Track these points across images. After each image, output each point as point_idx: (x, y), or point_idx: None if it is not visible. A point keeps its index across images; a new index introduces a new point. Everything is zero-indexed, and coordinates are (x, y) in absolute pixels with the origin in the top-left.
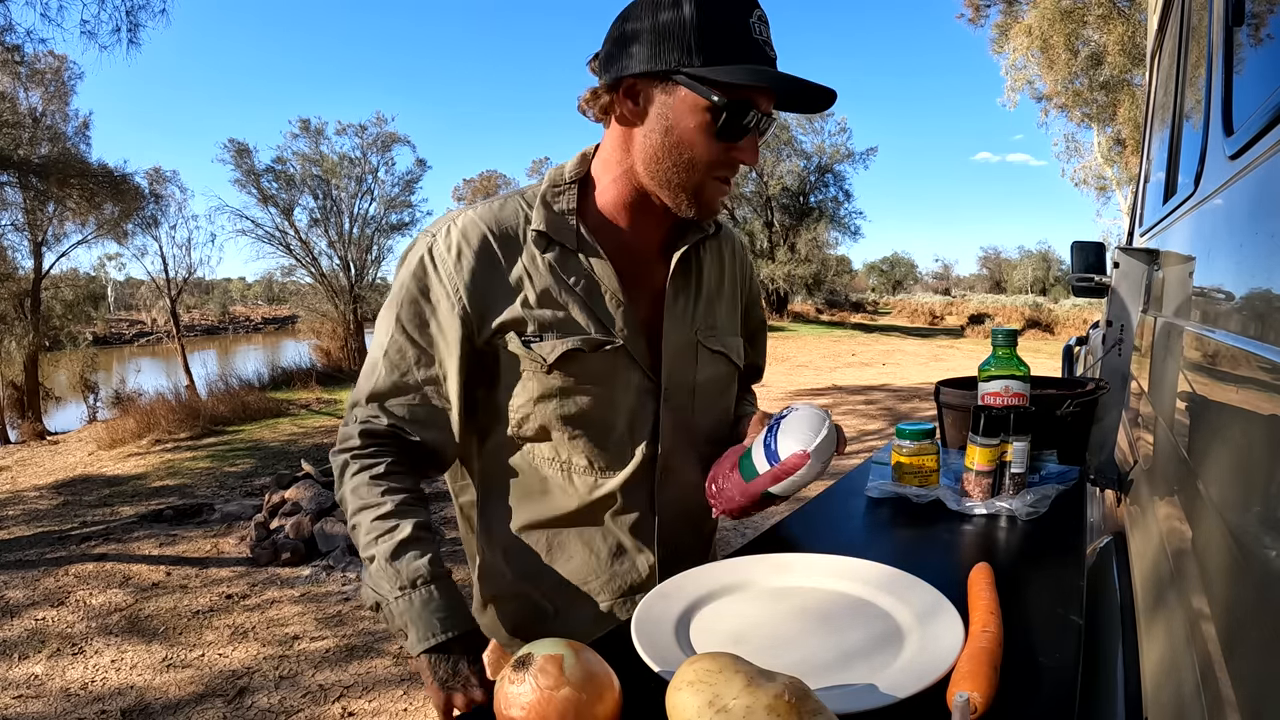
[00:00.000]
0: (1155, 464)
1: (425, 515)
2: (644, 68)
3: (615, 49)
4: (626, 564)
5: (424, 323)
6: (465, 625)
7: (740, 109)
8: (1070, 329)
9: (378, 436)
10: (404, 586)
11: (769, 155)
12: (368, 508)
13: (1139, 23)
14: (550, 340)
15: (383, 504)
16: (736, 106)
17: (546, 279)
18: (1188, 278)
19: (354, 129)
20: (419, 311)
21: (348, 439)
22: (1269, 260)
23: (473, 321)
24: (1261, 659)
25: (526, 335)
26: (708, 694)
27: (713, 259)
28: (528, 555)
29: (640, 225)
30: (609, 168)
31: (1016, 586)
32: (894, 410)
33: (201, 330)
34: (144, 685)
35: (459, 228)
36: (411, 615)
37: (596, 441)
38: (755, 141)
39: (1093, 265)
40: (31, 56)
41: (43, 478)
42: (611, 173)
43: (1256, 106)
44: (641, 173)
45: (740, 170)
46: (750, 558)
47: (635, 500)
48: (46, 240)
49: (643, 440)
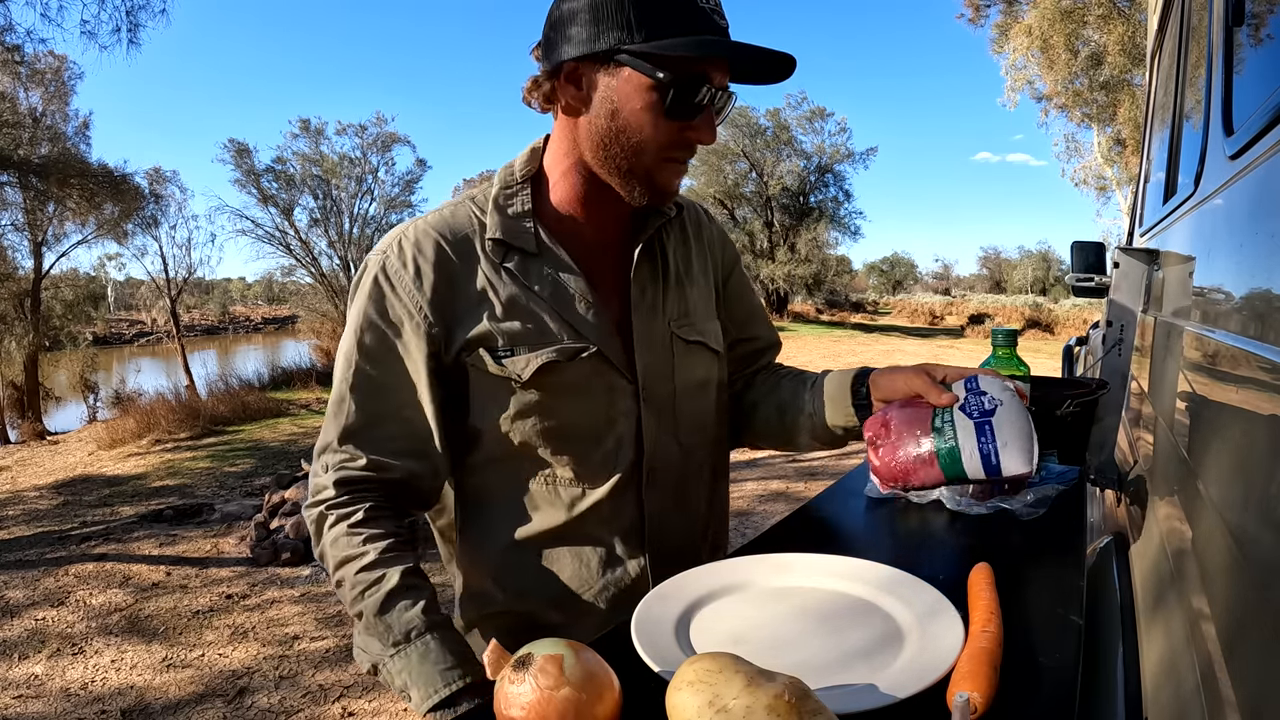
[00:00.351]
0: (1155, 464)
1: (414, 559)
2: (583, 50)
3: (554, 33)
4: (619, 570)
5: (389, 347)
6: (472, 673)
7: (690, 85)
8: (1070, 329)
9: (354, 483)
10: (397, 642)
11: (769, 155)
12: (349, 560)
13: (1139, 23)
14: (523, 354)
15: (365, 554)
16: (686, 82)
17: (510, 288)
18: (1188, 278)
19: (354, 129)
20: (382, 336)
21: (320, 490)
22: (1269, 260)
23: (439, 339)
24: (1262, 659)
25: (497, 351)
26: (708, 694)
27: (678, 240)
28: (517, 573)
29: (600, 218)
30: (559, 160)
31: (1016, 586)
32: None
33: (201, 330)
34: (144, 685)
35: (411, 241)
36: (411, 673)
37: (580, 452)
38: (711, 118)
39: (1093, 265)
40: (32, 56)
41: (43, 478)
42: (562, 165)
43: (1256, 106)
44: (591, 162)
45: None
46: (750, 558)
47: (623, 505)
48: (46, 240)
49: (627, 444)
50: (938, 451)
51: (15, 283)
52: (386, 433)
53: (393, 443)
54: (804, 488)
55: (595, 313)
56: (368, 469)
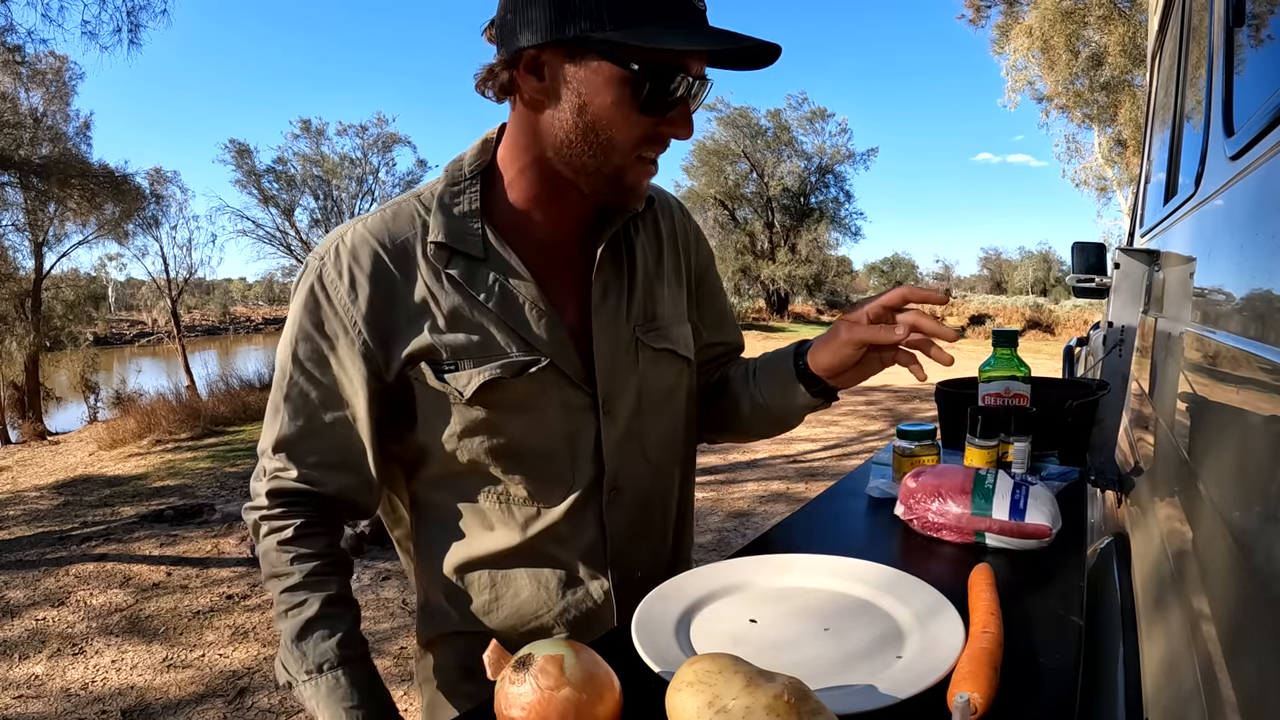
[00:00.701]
0: (1156, 465)
1: (338, 585)
2: (547, 37)
3: (511, 15)
4: (580, 593)
5: (323, 360)
6: (376, 713)
7: (666, 76)
8: (1071, 330)
9: (286, 495)
10: (310, 671)
11: (770, 156)
12: (276, 577)
13: (1139, 23)
14: (466, 370)
15: (290, 575)
16: (662, 74)
17: (453, 298)
18: (1188, 278)
19: (355, 129)
20: (316, 348)
21: (256, 496)
22: (1269, 261)
23: (377, 357)
24: (1262, 660)
25: (440, 365)
26: (708, 694)
27: (647, 236)
28: (471, 595)
29: (558, 218)
30: (516, 156)
31: (1017, 587)
32: (895, 411)
33: (202, 331)
34: (144, 685)
35: (348, 248)
36: (319, 701)
37: (534, 470)
38: (688, 111)
39: (1093, 266)
40: (32, 57)
41: (43, 478)
42: (519, 161)
43: (1257, 107)
44: (554, 159)
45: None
46: (750, 558)
47: (583, 525)
48: (47, 240)
49: (585, 461)
50: (975, 486)
51: (16, 283)
52: (318, 446)
53: (324, 456)
54: (804, 488)
55: (548, 321)
56: (299, 481)
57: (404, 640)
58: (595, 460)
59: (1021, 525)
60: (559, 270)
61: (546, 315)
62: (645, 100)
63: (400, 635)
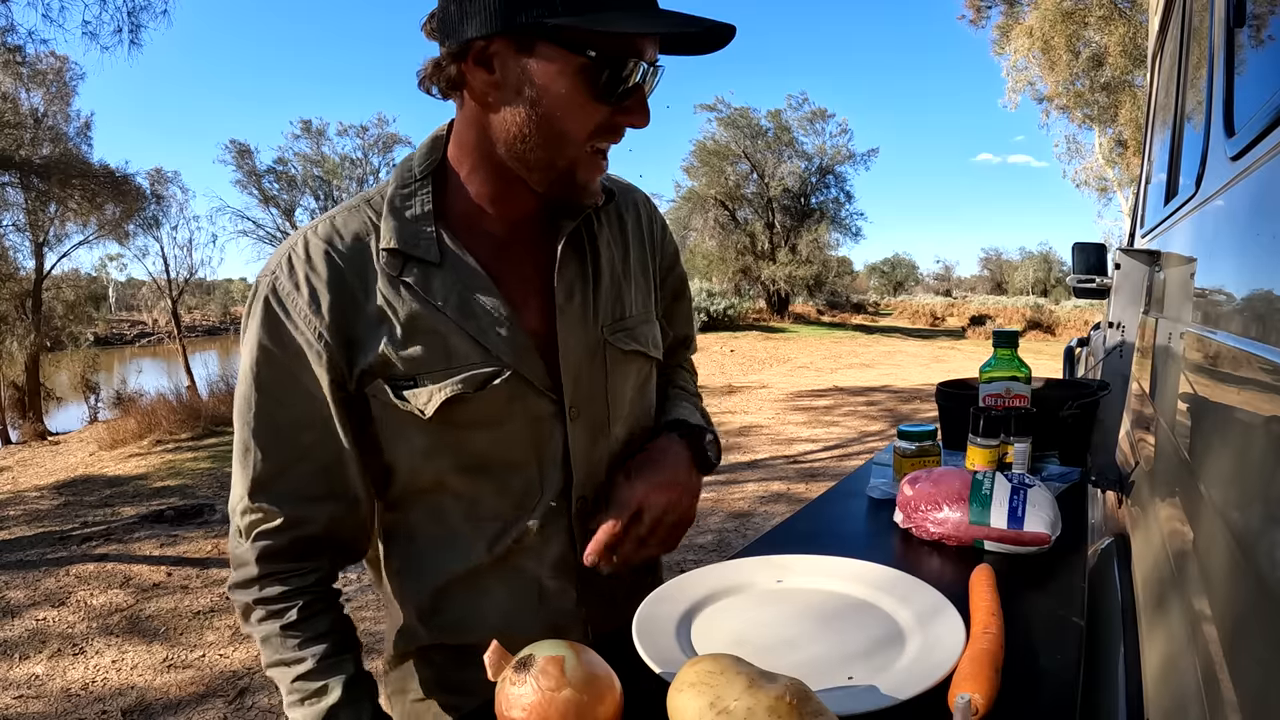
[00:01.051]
0: (1156, 465)
1: (353, 663)
2: (495, 27)
3: (455, 6)
4: (551, 606)
5: (290, 378)
6: None
7: (623, 61)
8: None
9: (278, 556)
10: None
11: (770, 156)
12: (284, 664)
13: (1140, 24)
14: (426, 387)
15: (302, 659)
16: (619, 59)
17: (410, 306)
18: (1189, 279)
19: (355, 130)
20: (281, 367)
21: (243, 566)
22: (1270, 261)
23: (341, 367)
24: (1263, 661)
25: (398, 382)
26: (709, 695)
27: (611, 231)
28: (443, 612)
29: (515, 217)
30: (467, 153)
31: (1017, 588)
32: (895, 412)
33: (203, 331)
34: (145, 685)
35: (300, 258)
36: None
37: (501, 484)
38: (644, 98)
39: (1094, 266)
40: (33, 57)
41: (44, 478)
42: (470, 159)
43: (1258, 108)
44: (505, 155)
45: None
46: (751, 559)
47: (552, 537)
48: (48, 241)
49: (553, 471)
50: (972, 493)
51: (17, 283)
52: (299, 477)
53: (308, 488)
54: (805, 489)
55: (510, 328)
56: (286, 528)
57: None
58: (563, 468)
59: (1020, 534)
60: (520, 272)
61: (508, 321)
62: (604, 88)
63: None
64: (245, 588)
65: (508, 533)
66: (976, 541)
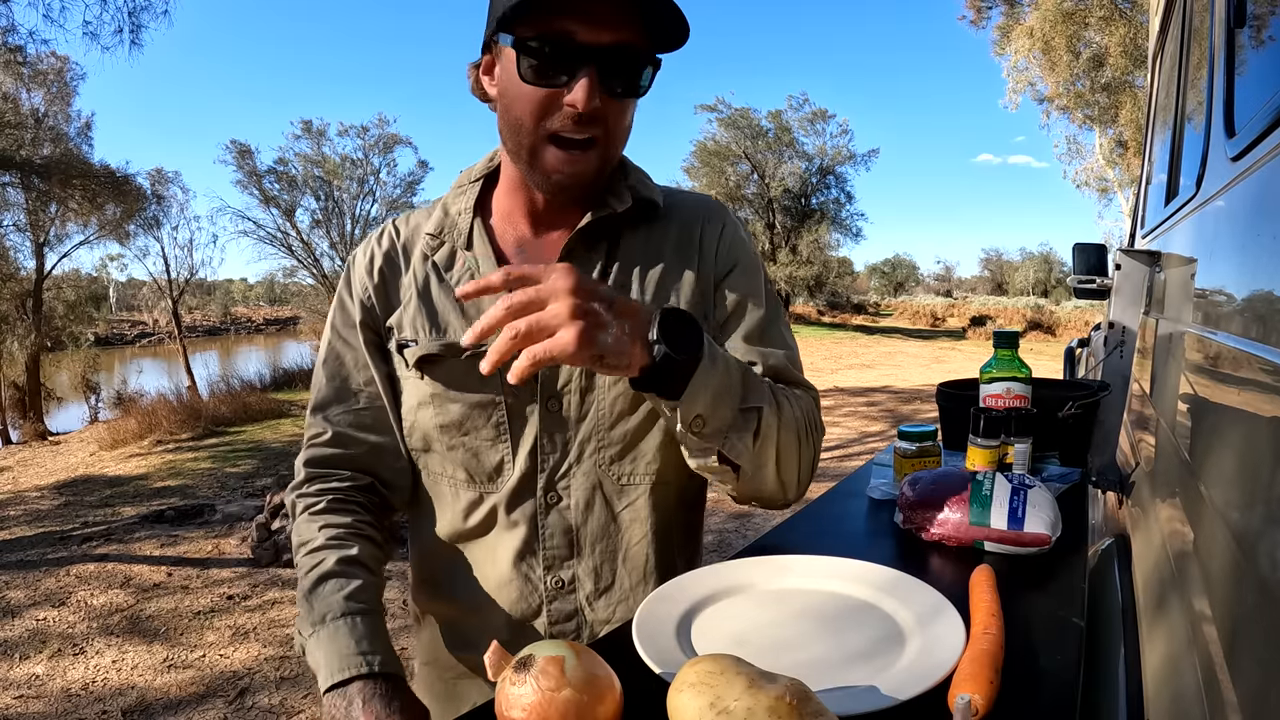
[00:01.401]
0: (1157, 466)
1: (359, 548)
2: (489, 30)
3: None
4: (524, 588)
5: (350, 326)
6: (377, 666)
7: (545, 40)
8: (1072, 331)
9: (321, 463)
10: (315, 623)
11: (770, 157)
12: (302, 545)
13: (1140, 24)
14: (417, 346)
15: (315, 538)
16: (540, 42)
17: (430, 280)
18: (1189, 280)
19: (356, 130)
20: (345, 315)
21: (297, 473)
22: (1270, 262)
23: (379, 326)
24: (1264, 661)
25: (404, 338)
26: (709, 696)
27: (648, 246)
28: (443, 571)
29: (536, 212)
30: (503, 156)
31: (1018, 588)
32: (895, 412)
33: (203, 331)
34: (145, 685)
35: (375, 237)
36: (321, 653)
37: (471, 454)
38: (588, 83)
39: (1094, 267)
40: (34, 57)
41: (44, 478)
42: (505, 161)
43: (1258, 108)
44: (507, 153)
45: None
46: (751, 559)
47: (518, 521)
48: (49, 241)
49: (521, 454)
50: (972, 494)
51: (17, 283)
52: (351, 405)
53: (357, 415)
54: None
55: None
56: (333, 444)
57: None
58: (531, 457)
59: (1020, 534)
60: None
61: None
62: (534, 70)
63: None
64: (295, 489)
65: (479, 505)
66: (977, 542)
